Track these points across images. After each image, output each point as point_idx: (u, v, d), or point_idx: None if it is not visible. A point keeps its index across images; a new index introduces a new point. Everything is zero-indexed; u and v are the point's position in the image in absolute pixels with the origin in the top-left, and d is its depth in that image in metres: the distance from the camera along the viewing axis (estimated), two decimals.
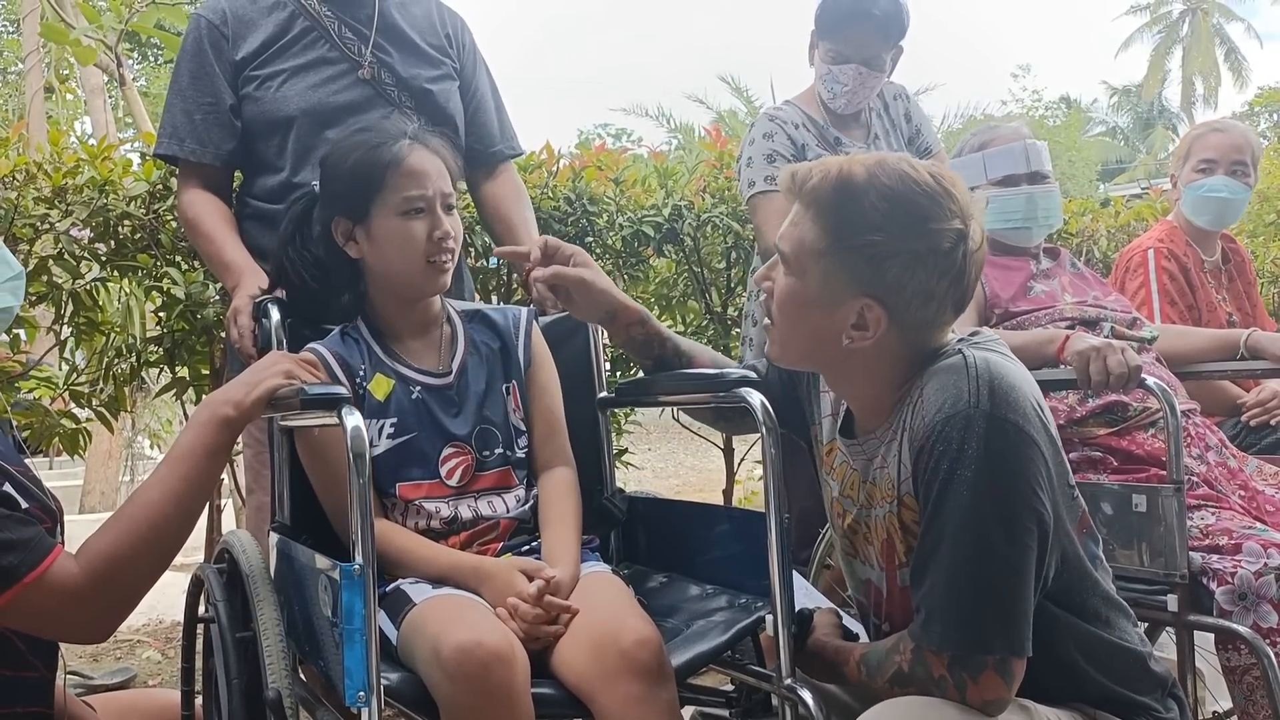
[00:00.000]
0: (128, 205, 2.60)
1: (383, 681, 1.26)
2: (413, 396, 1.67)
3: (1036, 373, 1.40)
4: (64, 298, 2.62)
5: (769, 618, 1.40)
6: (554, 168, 3.19)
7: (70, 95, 9.51)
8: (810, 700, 1.34)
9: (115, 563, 1.32)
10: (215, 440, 1.40)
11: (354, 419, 1.27)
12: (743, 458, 3.54)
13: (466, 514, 1.65)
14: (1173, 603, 1.87)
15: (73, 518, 4.71)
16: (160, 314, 2.70)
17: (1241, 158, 2.68)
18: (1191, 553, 1.87)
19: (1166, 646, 2.00)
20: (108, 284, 2.68)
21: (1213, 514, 1.98)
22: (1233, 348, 2.42)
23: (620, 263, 3.28)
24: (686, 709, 1.67)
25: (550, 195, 3.11)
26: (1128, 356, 1.93)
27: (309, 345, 1.67)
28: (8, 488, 1.31)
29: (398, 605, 1.51)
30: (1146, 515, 1.90)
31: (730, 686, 1.71)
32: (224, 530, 2.67)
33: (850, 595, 1.56)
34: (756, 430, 1.44)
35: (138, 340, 2.64)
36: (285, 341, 1.71)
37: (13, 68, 14.13)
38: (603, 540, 1.87)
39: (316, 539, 1.56)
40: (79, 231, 2.55)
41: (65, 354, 2.89)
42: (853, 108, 2.62)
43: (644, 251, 3.33)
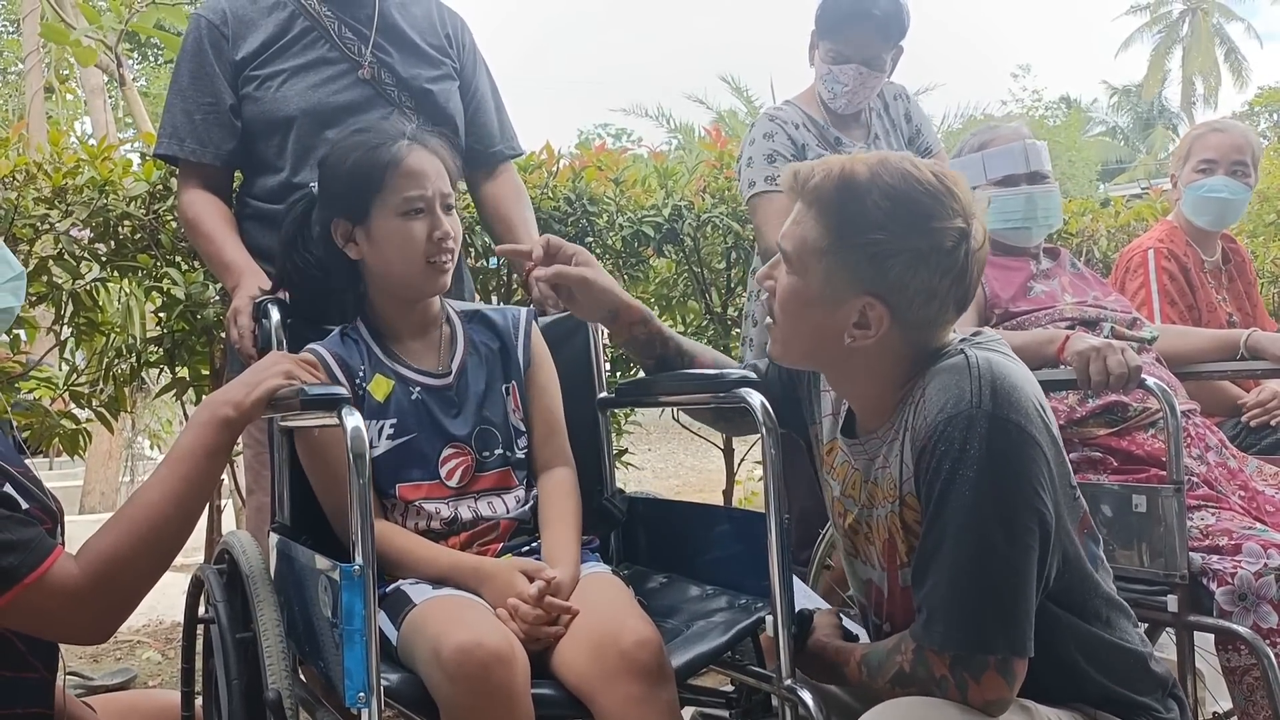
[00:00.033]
0: (128, 205, 2.60)
1: (383, 682, 1.26)
2: (412, 397, 1.67)
3: (1037, 373, 1.40)
4: (64, 298, 2.62)
5: (769, 618, 1.40)
6: (554, 168, 3.19)
7: (70, 95, 9.51)
8: (810, 701, 1.34)
9: (115, 563, 1.32)
10: (215, 441, 1.40)
11: (354, 419, 1.27)
12: (743, 458, 3.54)
13: (466, 515, 1.65)
14: (1173, 603, 1.87)
15: (73, 518, 4.70)
16: (160, 314, 2.70)
17: (1242, 158, 2.68)
18: (1191, 553, 1.87)
19: (1166, 647, 2.00)
20: (108, 284, 2.68)
21: (1213, 514, 1.98)
22: (1233, 348, 2.42)
23: (620, 263, 3.28)
24: (686, 710, 1.67)
25: (550, 195, 3.11)
26: (1128, 357, 1.92)
27: (309, 346, 1.67)
28: (8, 488, 1.31)
29: (398, 606, 1.51)
30: (1146, 516, 1.90)
31: (730, 687, 1.71)
32: (224, 531, 2.67)
33: (851, 595, 1.56)
34: (757, 430, 1.44)
35: (138, 340, 2.64)
36: (285, 342, 1.71)
37: (13, 68, 14.12)
38: (603, 541, 1.87)
39: (316, 539, 1.56)
40: (79, 232, 2.55)
41: (65, 354, 2.88)
42: (853, 108, 2.62)
43: (644, 252, 3.33)
